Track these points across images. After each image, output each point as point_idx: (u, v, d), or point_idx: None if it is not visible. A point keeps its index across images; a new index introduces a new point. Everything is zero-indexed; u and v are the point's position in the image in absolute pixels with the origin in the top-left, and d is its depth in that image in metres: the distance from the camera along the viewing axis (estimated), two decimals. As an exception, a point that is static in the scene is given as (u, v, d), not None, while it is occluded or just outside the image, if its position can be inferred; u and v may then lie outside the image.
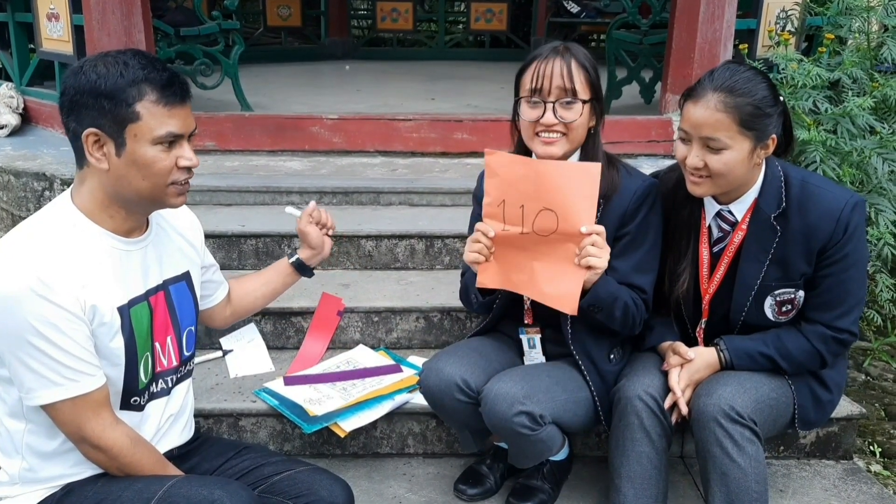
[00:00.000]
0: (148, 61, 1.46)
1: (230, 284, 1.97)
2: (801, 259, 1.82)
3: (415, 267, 2.89)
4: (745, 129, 1.72)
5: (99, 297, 1.45)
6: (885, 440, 2.55)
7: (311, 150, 3.74)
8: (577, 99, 1.83)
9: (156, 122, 1.44)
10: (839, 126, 2.84)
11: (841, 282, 1.81)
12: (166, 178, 1.48)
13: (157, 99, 1.44)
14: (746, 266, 1.87)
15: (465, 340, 2.14)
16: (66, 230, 1.47)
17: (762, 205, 1.84)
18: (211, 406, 2.23)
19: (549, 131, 1.85)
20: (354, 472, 2.22)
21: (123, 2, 3.39)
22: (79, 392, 1.43)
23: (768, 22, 3.85)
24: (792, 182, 1.84)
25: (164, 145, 1.46)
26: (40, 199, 3.30)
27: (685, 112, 1.77)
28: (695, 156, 1.75)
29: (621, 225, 1.90)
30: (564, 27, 7.51)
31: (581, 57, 1.85)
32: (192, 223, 1.79)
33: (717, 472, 1.76)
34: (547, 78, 1.82)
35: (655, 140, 3.72)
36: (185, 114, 1.49)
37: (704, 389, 1.82)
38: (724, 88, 1.71)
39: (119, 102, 1.42)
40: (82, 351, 1.43)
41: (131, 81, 1.42)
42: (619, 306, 1.86)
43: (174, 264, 1.68)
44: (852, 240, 1.78)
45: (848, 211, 1.77)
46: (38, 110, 4.14)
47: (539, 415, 1.82)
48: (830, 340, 1.85)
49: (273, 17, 7.21)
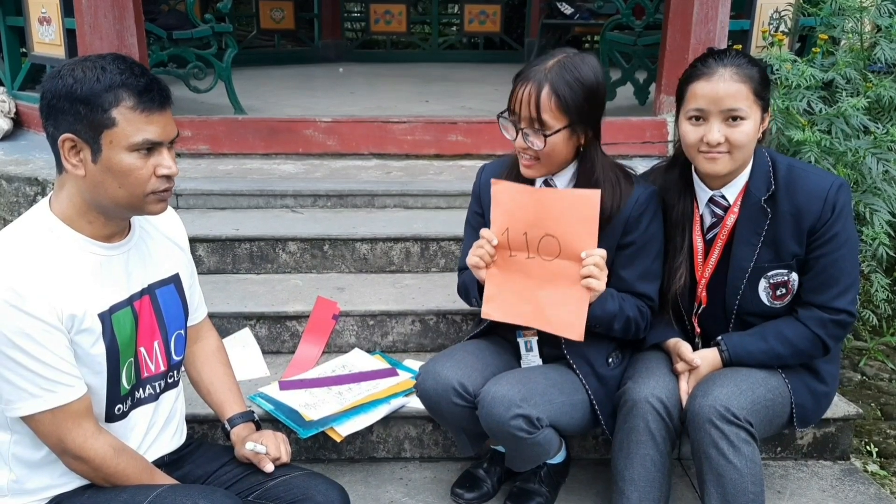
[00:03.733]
0: (127, 66, 1.42)
1: (201, 356, 1.84)
2: (792, 240, 1.84)
3: (410, 270, 2.89)
4: (758, 99, 1.78)
5: (78, 304, 1.43)
6: (881, 440, 2.55)
7: (304, 153, 3.72)
8: (544, 129, 1.79)
9: (132, 129, 1.40)
10: (833, 126, 2.84)
11: (833, 262, 1.83)
12: (144, 187, 1.44)
13: (134, 105, 1.40)
14: (739, 248, 1.89)
15: (462, 343, 2.13)
16: (43, 237, 1.45)
17: (752, 188, 1.87)
18: (206, 411, 2.20)
19: (523, 154, 1.86)
20: (351, 476, 2.21)
21: (115, 5, 3.37)
22: (57, 403, 1.41)
23: (762, 23, 3.86)
24: (779, 166, 1.88)
25: (142, 153, 1.42)
26: (32, 204, 3.26)
27: (695, 91, 1.79)
28: (717, 131, 1.77)
29: (624, 233, 1.90)
30: (558, 29, 7.52)
31: (559, 83, 1.76)
32: (177, 224, 1.76)
33: (713, 474, 1.76)
34: (518, 103, 1.81)
35: (650, 141, 3.72)
36: (165, 121, 1.45)
37: (700, 390, 1.82)
38: (732, 63, 1.77)
39: (95, 108, 1.39)
40: (60, 361, 1.41)
41: (108, 86, 1.39)
42: (620, 321, 1.87)
43: (160, 267, 1.65)
44: (840, 219, 1.81)
45: (834, 191, 1.81)
46: (30, 115, 4.11)
47: (536, 418, 1.82)
48: (829, 323, 1.85)
49: (266, 19, 7.19)
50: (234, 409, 1.77)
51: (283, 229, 2.90)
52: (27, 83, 4.29)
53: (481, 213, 2.08)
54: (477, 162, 3.61)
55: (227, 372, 1.85)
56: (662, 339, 1.99)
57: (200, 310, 1.86)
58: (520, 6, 7.94)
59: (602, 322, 1.86)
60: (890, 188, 2.79)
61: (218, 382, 1.82)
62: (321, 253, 2.86)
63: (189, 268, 1.77)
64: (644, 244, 1.91)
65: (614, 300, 1.86)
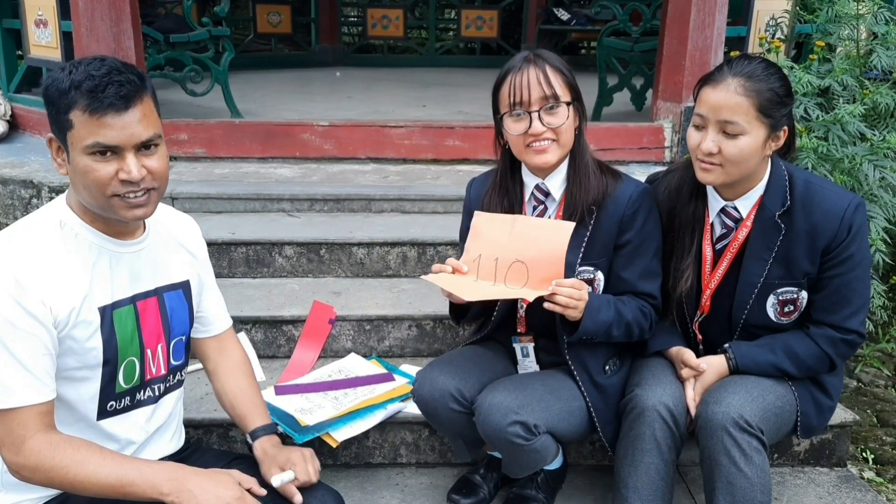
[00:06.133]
0: (96, 67, 1.39)
1: (224, 367, 1.80)
2: (805, 258, 1.82)
3: (407, 274, 2.88)
4: (762, 116, 1.73)
5: (77, 295, 1.43)
6: (877, 447, 2.55)
7: (301, 157, 3.72)
8: (561, 102, 1.83)
9: (85, 132, 1.38)
10: (830, 133, 2.85)
11: (847, 282, 1.81)
12: (104, 190, 1.41)
13: (85, 107, 1.37)
14: (750, 263, 1.86)
15: (459, 349, 2.12)
16: (52, 230, 1.46)
17: (767, 202, 1.84)
18: (201, 416, 2.20)
19: (540, 140, 1.85)
20: (346, 482, 2.20)
21: (112, 8, 3.36)
22: (13, 404, 1.38)
23: (758, 29, 3.87)
24: (796, 181, 1.84)
25: (98, 155, 1.39)
26: (27, 207, 3.27)
27: (702, 96, 1.78)
28: (710, 140, 1.75)
29: (620, 231, 1.90)
30: (555, 34, 7.54)
31: (554, 61, 1.84)
32: (193, 233, 1.76)
33: (722, 481, 1.74)
34: (525, 88, 1.82)
35: (647, 147, 3.73)
36: (123, 123, 1.38)
37: (712, 397, 1.80)
38: (743, 74, 1.73)
39: (59, 109, 1.39)
40: (34, 364, 1.39)
41: (66, 89, 1.38)
42: (619, 327, 1.86)
43: (172, 272, 1.65)
44: (856, 240, 1.79)
45: (851, 211, 1.78)
46: (26, 117, 4.11)
47: (533, 424, 1.81)
48: (839, 342, 1.84)
49: (263, 23, 7.20)
50: (258, 422, 1.72)
51: (279, 233, 2.89)
52: (23, 86, 4.29)
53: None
54: (474, 167, 3.62)
55: (252, 384, 1.81)
56: (666, 347, 1.97)
57: (224, 319, 1.84)
58: (517, 12, 7.96)
59: (598, 333, 1.85)
60: (886, 195, 2.80)
61: (242, 395, 1.77)
62: (318, 257, 2.85)
63: (202, 276, 1.75)
64: (641, 242, 1.91)
65: (609, 308, 1.85)
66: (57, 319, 1.42)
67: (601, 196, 1.89)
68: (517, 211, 1.96)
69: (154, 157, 1.45)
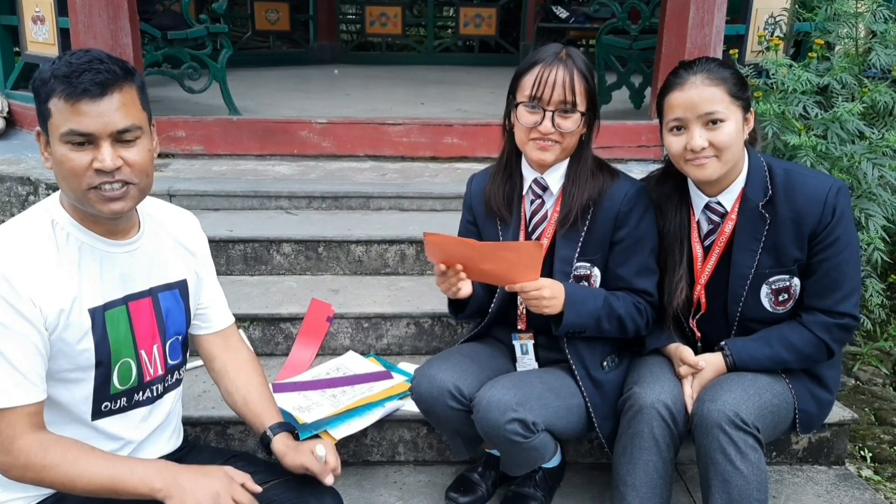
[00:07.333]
0: (78, 56, 1.38)
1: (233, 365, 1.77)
2: (793, 245, 1.84)
3: (405, 272, 2.87)
4: (734, 99, 1.79)
5: (66, 297, 1.42)
6: (875, 445, 2.55)
7: (299, 154, 3.72)
8: (576, 110, 1.85)
9: (61, 119, 1.36)
10: (829, 131, 2.85)
11: (836, 265, 1.82)
12: (80, 181, 1.38)
13: (60, 93, 1.35)
14: (740, 255, 1.88)
15: (457, 346, 2.12)
16: (43, 229, 1.44)
17: (749, 194, 1.86)
18: (198, 414, 2.19)
19: (545, 138, 1.86)
20: (344, 480, 2.19)
21: (110, 5, 3.35)
22: (4, 405, 1.37)
23: (757, 27, 3.87)
24: (776, 170, 1.87)
25: (73, 145, 1.37)
26: (24, 204, 3.26)
27: (671, 102, 1.81)
28: (698, 136, 1.77)
29: (615, 228, 1.91)
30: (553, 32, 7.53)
31: (582, 66, 1.86)
32: (193, 230, 1.73)
33: (718, 479, 1.74)
34: (549, 86, 1.82)
35: (645, 145, 3.72)
36: (99, 111, 1.36)
37: (708, 395, 1.81)
38: (702, 70, 1.80)
39: (40, 99, 1.39)
40: (23, 363, 1.38)
41: (47, 78, 1.37)
42: (609, 320, 1.88)
43: (167, 271, 1.63)
44: (841, 223, 1.80)
45: (833, 194, 1.80)
46: (23, 114, 4.09)
47: (532, 422, 1.81)
48: (833, 328, 1.85)
49: (261, 20, 7.18)
50: (276, 418, 1.71)
51: (277, 231, 2.89)
52: (20, 82, 4.27)
53: (473, 221, 2.10)
54: (473, 164, 3.61)
55: (264, 381, 1.79)
56: (663, 345, 1.98)
57: (226, 315, 1.82)
58: (515, 10, 7.95)
59: (585, 326, 1.86)
60: (885, 193, 2.80)
61: (256, 392, 1.74)
62: (316, 255, 2.84)
63: (202, 274, 1.73)
64: (637, 240, 1.92)
65: (595, 300, 1.87)
66: (47, 321, 1.40)
67: (597, 193, 1.90)
68: (516, 202, 1.97)
69: (133, 150, 1.41)
